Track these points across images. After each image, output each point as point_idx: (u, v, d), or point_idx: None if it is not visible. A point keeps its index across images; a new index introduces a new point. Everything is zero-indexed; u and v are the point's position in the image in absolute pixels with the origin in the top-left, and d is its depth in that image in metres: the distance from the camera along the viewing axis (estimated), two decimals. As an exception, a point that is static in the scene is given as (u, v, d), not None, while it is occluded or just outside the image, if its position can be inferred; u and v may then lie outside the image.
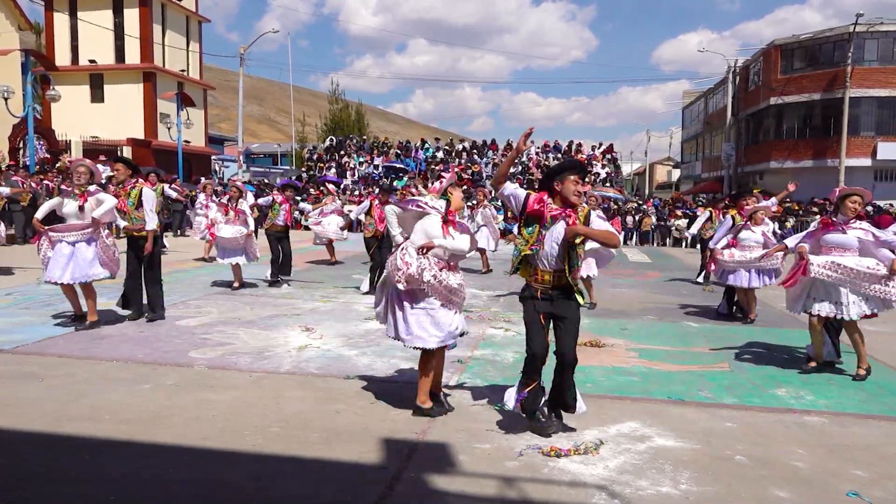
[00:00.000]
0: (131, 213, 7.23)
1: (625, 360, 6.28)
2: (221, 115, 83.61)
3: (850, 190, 5.91)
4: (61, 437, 3.96)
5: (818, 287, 5.75)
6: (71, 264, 6.72)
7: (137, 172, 7.36)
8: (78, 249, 6.78)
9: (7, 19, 25.55)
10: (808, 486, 3.58)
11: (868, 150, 29.50)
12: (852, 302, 5.62)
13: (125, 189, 7.29)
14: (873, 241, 5.65)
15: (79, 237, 6.80)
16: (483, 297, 9.92)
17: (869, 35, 29.22)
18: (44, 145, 22.22)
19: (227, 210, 9.97)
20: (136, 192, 7.24)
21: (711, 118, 41.57)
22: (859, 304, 5.63)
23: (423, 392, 4.52)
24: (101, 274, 6.92)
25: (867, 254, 5.66)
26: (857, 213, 5.78)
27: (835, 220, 5.86)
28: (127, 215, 7.26)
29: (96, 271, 6.86)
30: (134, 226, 7.25)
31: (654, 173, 64.38)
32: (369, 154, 34.24)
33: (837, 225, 5.80)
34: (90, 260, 6.81)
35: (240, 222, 9.84)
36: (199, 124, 33.74)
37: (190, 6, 34.02)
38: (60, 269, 6.70)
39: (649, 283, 12.44)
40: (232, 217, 9.90)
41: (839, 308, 5.64)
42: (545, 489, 3.47)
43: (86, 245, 6.82)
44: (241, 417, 4.37)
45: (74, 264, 6.74)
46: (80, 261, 6.76)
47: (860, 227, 5.75)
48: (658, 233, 25.19)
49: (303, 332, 7.06)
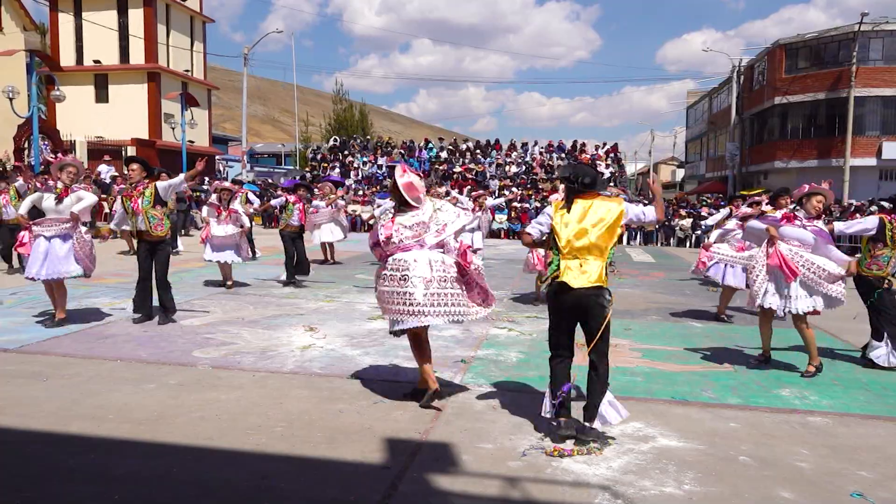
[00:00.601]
0: (147, 213, 7.00)
1: (628, 360, 6.28)
2: (225, 115, 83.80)
3: (817, 189, 5.98)
4: (66, 437, 3.97)
5: (771, 280, 5.83)
6: (46, 261, 6.71)
7: (151, 174, 7.28)
8: (53, 245, 6.76)
9: (12, 20, 25.66)
10: (813, 487, 3.57)
11: (873, 150, 29.42)
12: (801, 296, 5.70)
13: (138, 189, 7.10)
14: (823, 239, 5.79)
15: (56, 231, 6.77)
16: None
17: (874, 34, 29.13)
18: (48, 145, 22.26)
19: (220, 210, 10.01)
20: (149, 190, 7.08)
21: (716, 118, 41.50)
22: (806, 299, 5.70)
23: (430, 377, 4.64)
24: (75, 271, 6.86)
25: (819, 252, 5.77)
26: (818, 212, 5.87)
27: (798, 215, 5.94)
28: (142, 216, 7.00)
29: (70, 268, 6.82)
30: (150, 225, 7.02)
31: (658, 173, 64.29)
32: (373, 154, 34.26)
33: (799, 220, 5.88)
34: (63, 256, 6.78)
35: (232, 221, 9.89)
36: (203, 124, 33.79)
37: (194, 6, 34.07)
38: (38, 266, 6.70)
39: (653, 283, 12.42)
40: (224, 217, 9.95)
41: (787, 301, 5.73)
42: (548, 489, 3.47)
43: (61, 241, 6.79)
44: (245, 417, 4.38)
45: (48, 260, 6.72)
46: (54, 257, 6.74)
47: (816, 225, 5.87)
48: (662, 233, 25.16)
49: (306, 331, 7.07)
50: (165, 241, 7.22)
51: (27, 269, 6.83)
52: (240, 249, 9.97)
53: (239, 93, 34.84)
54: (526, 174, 31.74)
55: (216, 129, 45.43)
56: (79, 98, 29.77)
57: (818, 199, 5.86)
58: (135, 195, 7.10)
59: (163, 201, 7.19)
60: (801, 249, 5.76)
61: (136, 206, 7.05)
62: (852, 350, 6.92)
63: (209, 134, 35.67)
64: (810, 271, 5.66)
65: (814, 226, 5.84)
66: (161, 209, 7.13)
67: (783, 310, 5.77)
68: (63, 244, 6.79)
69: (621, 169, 33.99)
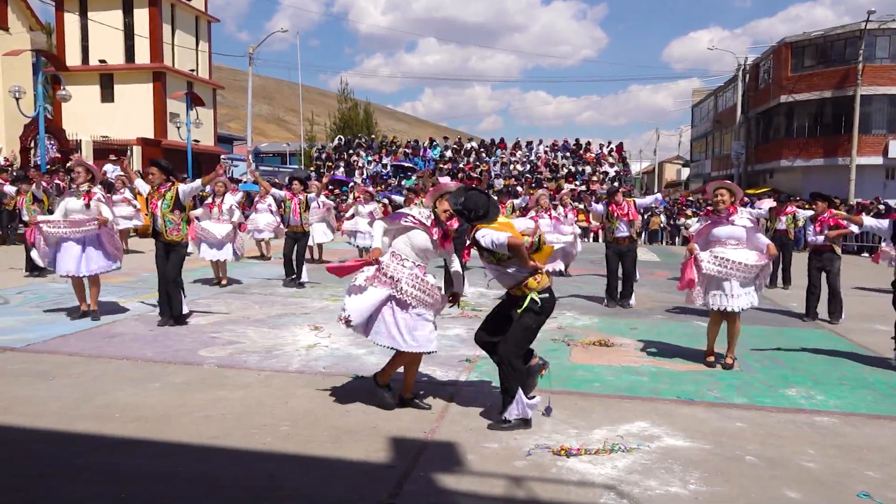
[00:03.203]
0: (165, 216, 7.02)
1: (634, 359, 6.26)
2: (231, 114, 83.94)
3: (719, 183, 6.16)
4: (72, 436, 3.98)
5: (711, 281, 5.91)
6: (83, 258, 7.04)
7: (173, 175, 7.31)
8: (88, 244, 7.11)
9: (18, 20, 25.74)
10: (820, 487, 3.55)
11: (879, 148, 29.28)
12: (739, 294, 5.81)
13: (159, 191, 7.11)
14: (753, 227, 5.95)
15: (86, 232, 7.08)
16: (490, 297, 9.90)
17: (880, 32, 28.98)
18: (54, 145, 22.35)
19: (212, 207, 10.01)
20: (171, 193, 7.07)
21: (721, 116, 41.37)
22: (745, 297, 5.83)
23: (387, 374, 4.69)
24: (112, 265, 7.29)
25: (751, 243, 5.90)
26: (727, 206, 5.94)
27: (718, 211, 6.01)
28: (160, 219, 7.02)
29: (107, 263, 7.22)
30: (166, 228, 7.05)
31: (663, 172, 64.15)
32: (378, 153, 34.27)
33: (722, 218, 5.96)
34: (100, 253, 7.16)
35: (225, 218, 9.90)
36: (208, 124, 33.86)
37: (199, 6, 34.15)
38: (74, 263, 7.01)
39: (658, 283, 12.39)
40: (217, 214, 9.95)
41: (728, 300, 5.83)
42: (553, 489, 3.46)
43: (95, 239, 7.14)
44: (250, 416, 4.38)
45: (87, 258, 7.07)
46: (92, 254, 7.11)
47: (744, 216, 5.99)
48: (668, 232, 25.11)
49: (311, 330, 7.07)
50: (181, 243, 7.25)
51: (61, 267, 7.06)
52: (233, 247, 9.96)
53: (244, 92, 34.89)
54: (531, 173, 31.71)
55: (221, 128, 45.51)
56: (84, 98, 29.88)
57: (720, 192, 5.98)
58: (155, 197, 7.13)
59: (182, 206, 7.15)
60: (724, 251, 5.85)
61: (154, 208, 7.09)
62: (859, 350, 6.89)
63: (214, 133, 35.75)
64: (736, 269, 5.77)
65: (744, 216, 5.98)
66: (179, 214, 7.11)
67: (727, 308, 5.88)
68: (97, 241, 7.15)
69: (626, 168, 33.93)
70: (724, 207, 5.92)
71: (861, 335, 7.24)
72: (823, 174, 29.24)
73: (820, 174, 29.56)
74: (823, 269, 8.60)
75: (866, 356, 6.64)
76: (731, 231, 5.91)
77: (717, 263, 5.81)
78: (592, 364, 5.97)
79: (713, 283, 5.90)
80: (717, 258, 5.83)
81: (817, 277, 8.67)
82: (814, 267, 8.71)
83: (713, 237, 5.99)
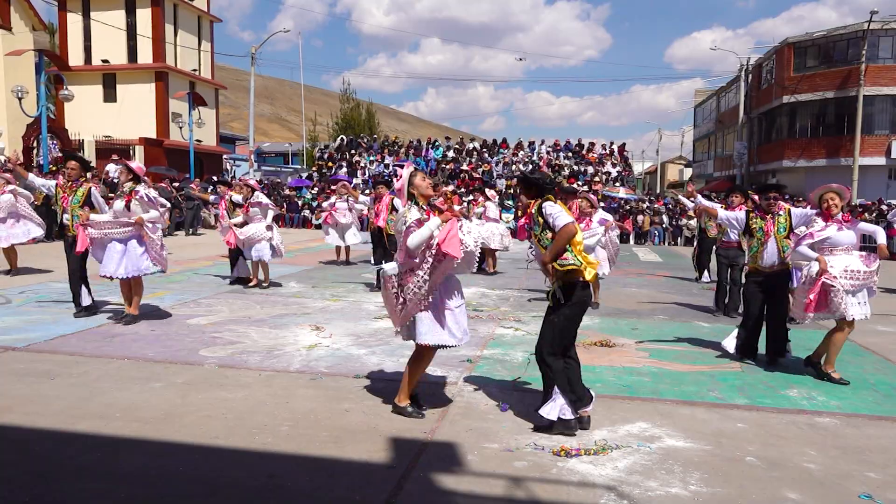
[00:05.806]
0: (74, 211, 7.29)
1: (635, 359, 6.26)
2: (233, 114, 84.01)
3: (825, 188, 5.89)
4: (74, 435, 3.99)
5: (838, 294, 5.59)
6: (124, 260, 7.08)
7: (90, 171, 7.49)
8: (129, 245, 7.13)
9: (21, 20, 25.79)
10: (821, 488, 3.55)
11: (882, 149, 29.24)
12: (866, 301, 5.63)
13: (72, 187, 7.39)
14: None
15: (128, 234, 7.12)
16: (493, 297, 9.91)
17: (883, 33, 28.93)
18: (57, 144, 22.40)
19: (247, 209, 9.93)
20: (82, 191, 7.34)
21: (724, 117, 41.32)
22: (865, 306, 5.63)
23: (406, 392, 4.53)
24: (153, 268, 7.30)
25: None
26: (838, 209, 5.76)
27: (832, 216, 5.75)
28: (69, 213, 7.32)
29: (147, 265, 7.21)
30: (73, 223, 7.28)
31: (665, 172, 64.11)
32: (380, 153, 34.28)
33: (840, 223, 5.73)
34: (140, 255, 7.16)
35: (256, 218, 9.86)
36: (210, 124, 33.93)
37: (202, 6, 34.19)
38: (115, 264, 7.06)
39: (660, 283, 12.38)
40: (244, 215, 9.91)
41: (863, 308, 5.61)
42: (554, 489, 3.46)
43: (136, 242, 7.16)
44: (251, 416, 4.39)
45: (128, 259, 7.10)
46: (133, 255, 7.12)
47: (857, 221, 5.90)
48: (669, 232, 25.07)
49: (312, 331, 7.08)
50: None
51: (103, 268, 7.09)
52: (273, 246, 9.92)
53: (246, 92, 34.91)
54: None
55: (224, 128, 45.55)
56: (87, 97, 29.95)
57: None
58: (68, 192, 7.38)
59: (91, 203, 7.42)
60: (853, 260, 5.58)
61: (65, 202, 7.34)
62: (861, 351, 6.88)
63: (216, 133, 35.79)
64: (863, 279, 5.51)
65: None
66: (88, 211, 7.34)
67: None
68: (138, 244, 7.16)
69: (629, 168, 33.89)
70: (837, 212, 5.69)
71: (862, 336, 7.23)
72: (826, 175, 29.10)
73: (822, 175, 29.44)
74: (730, 265, 8.98)
75: (867, 357, 6.64)
76: (850, 237, 5.66)
77: (849, 277, 5.49)
78: (594, 364, 5.97)
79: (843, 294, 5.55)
80: (846, 271, 5.50)
81: (725, 273, 9.05)
82: (721, 263, 9.14)
83: (829, 243, 5.67)
